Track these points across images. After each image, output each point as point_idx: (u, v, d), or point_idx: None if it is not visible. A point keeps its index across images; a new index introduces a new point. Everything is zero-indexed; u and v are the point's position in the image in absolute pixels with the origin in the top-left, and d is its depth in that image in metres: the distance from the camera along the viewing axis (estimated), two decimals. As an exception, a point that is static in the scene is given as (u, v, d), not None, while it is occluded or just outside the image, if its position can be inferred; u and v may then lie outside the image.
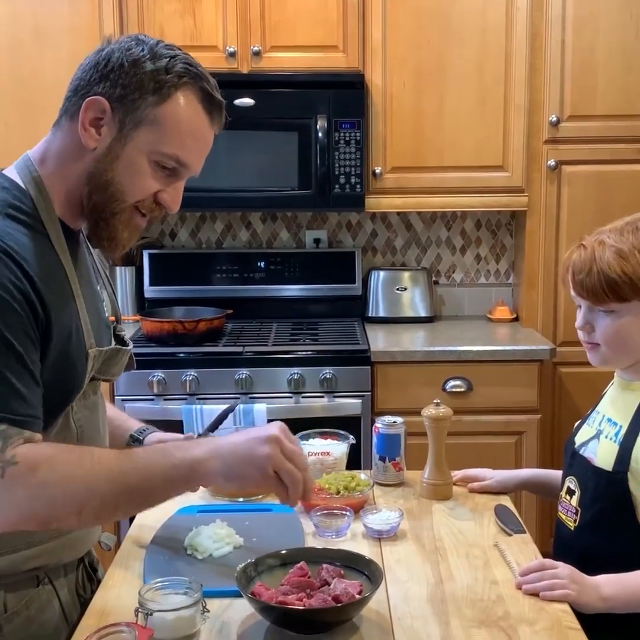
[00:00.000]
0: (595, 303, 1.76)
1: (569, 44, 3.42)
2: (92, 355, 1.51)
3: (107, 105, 1.42)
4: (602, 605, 1.58)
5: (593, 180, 3.50)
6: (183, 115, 1.45)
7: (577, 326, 1.83)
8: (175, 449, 1.45)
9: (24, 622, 1.47)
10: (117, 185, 1.45)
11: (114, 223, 1.48)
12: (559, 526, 1.88)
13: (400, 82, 3.48)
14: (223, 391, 3.23)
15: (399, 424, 2.09)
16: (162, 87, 1.43)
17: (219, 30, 3.43)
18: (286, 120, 3.47)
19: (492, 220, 3.94)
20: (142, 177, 1.46)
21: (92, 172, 1.45)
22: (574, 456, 1.86)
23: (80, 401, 1.53)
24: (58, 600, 1.54)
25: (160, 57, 1.44)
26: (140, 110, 1.43)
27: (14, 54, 3.41)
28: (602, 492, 1.76)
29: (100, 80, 1.43)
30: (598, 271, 1.73)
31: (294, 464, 1.44)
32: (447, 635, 1.44)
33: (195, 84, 1.47)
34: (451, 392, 3.29)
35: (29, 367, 1.36)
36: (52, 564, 1.52)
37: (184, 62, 1.46)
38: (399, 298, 3.82)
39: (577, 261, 1.77)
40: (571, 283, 1.79)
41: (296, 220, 3.95)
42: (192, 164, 1.50)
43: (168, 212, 1.54)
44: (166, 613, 1.40)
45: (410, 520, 1.88)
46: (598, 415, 1.87)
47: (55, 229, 1.47)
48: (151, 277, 3.83)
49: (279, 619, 1.43)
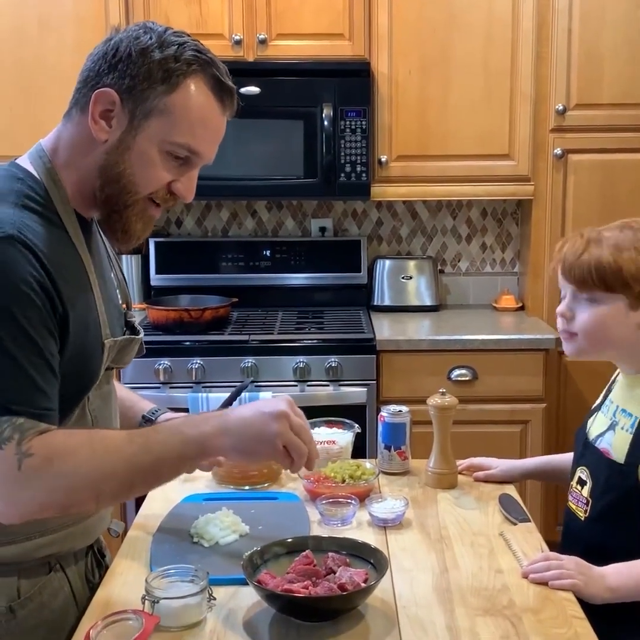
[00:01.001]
0: (580, 288, 1.75)
1: (575, 33, 3.40)
2: (108, 345, 1.52)
3: (116, 96, 1.41)
4: (609, 595, 1.58)
5: (599, 169, 3.49)
6: (193, 104, 1.44)
7: (558, 311, 1.81)
8: (184, 425, 1.46)
9: (37, 608, 1.49)
10: (130, 177, 1.44)
11: (127, 215, 1.47)
12: (569, 516, 1.87)
13: (406, 71, 3.47)
14: (229, 379, 3.24)
15: (404, 412, 2.09)
16: (171, 76, 1.42)
17: (224, 18, 3.43)
18: (292, 109, 3.47)
19: (498, 209, 3.94)
20: (154, 168, 1.45)
21: (104, 164, 1.44)
22: (587, 447, 1.84)
23: (96, 391, 1.54)
24: (69, 586, 1.56)
25: (168, 45, 1.42)
26: (150, 100, 1.41)
27: (19, 42, 3.41)
28: (613, 484, 1.74)
29: (109, 71, 1.42)
30: (590, 256, 1.72)
31: (301, 438, 1.47)
32: (452, 623, 1.44)
33: (204, 71, 1.45)
34: (456, 381, 3.30)
35: (48, 361, 1.37)
36: (64, 551, 1.54)
37: (192, 48, 1.44)
38: (405, 287, 3.82)
39: (571, 245, 1.77)
40: (561, 268, 1.78)
41: (302, 209, 3.95)
42: (205, 152, 1.48)
43: (183, 202, 1.52)
44: (173, 601, 1.41)
45: (415, 508, 1.89)
46: (612, 405, 1.84)
47: (71, 220, 1.47)
48: (157, 265, 3.83)
49: (285, 606, 1.44)
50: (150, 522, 1.80)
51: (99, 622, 1.34)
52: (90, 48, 1.49)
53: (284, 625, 1.43)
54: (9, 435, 1.32)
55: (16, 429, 1.32)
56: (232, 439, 1.45)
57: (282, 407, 1.47)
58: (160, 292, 3.79)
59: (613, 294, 1.72)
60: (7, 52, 3.42)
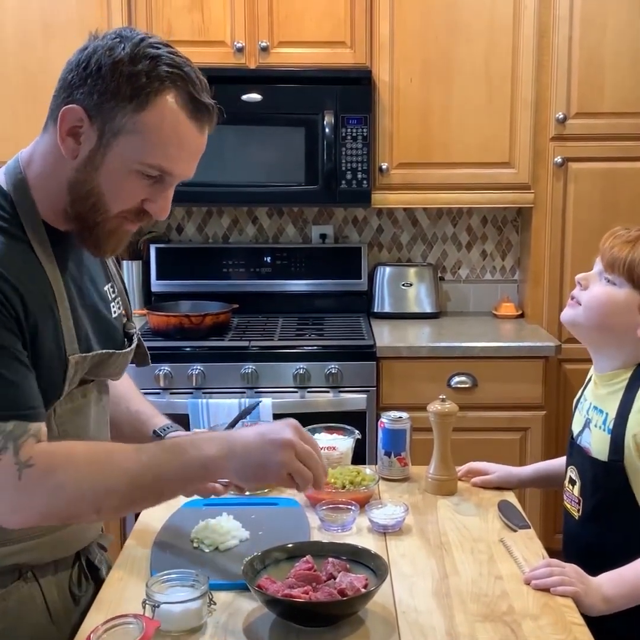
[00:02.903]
0: (608, 268, 1.78)
1: (576, 41, 3.42)
2: (74, 361, 1.46)
3: (83, 114, 1.35)
4: (605, 607, 1.58)
5: (599, 177, 3.50)
6: (165, 123, 1.36)
7: (577, 277, 1.85)
8: (189, 445, 1.44)
9: (1, 613, 1.46)
10: (99, 196, 1.39)
11: (97, 233, 1.42)
12: (566, 515, 1.90)
13: (407, 79, 3.49)
14: (229, 385, 3.24)
15: (404, 419, 2.09)
16: (140, 94, 1.34)
17: (226, 25, 3.43)
18: (293, 116, 3.48)
19: (498, 217, 3.95)
20: (125, 187, 1.39)
21: (73, 181, 1.40)
22: (572, 445, 1.88)
23: (67, 404, 1.50)
24: (42, 597, 1.52)
25: (140, 59, 1.35)
26: (118, 118, 1.35)
27: (22, 48, 3.43)
28: (601, 482, 1.77)
29: (79, 85, 1.36)
30: (633, 248, 1.75)
31: (307, 464, 1.45)
32: (452, 629, 1.45)
33: (178, 87, 1.37)
34: (456, 388, 3.30)
35: (18, 357, 1.34)
36: (34, 561, 1.50)
37: (166, 63, 1.36)
38: (405, 294, 3.83)
39: (624, 232, 1.80)
40: (608, 243, 1.80)
41: (302, 216, 3.96)
42: (179, 172, 1.42)
43: (158, 220, 1.47)
44: (173, 605, 1.41)
45: (415, 515, 1.89)
46: (585, 403, 1.89)
47: (37, 232, 1.42)
48: (158, 271, 3.84)
49: (285, 612, 1.44)
50: (151, 527, 1.80)
51: (99, 627, 1.34)
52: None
53: (284, 630, 1.43)
54: (3, 445, 1.31)
55: (8, 437, 1.31)
56: (236, 463, 1.44)
57: (287, 436, 1.45)
58: (160, 298, 3.79)
59: (634, 288, 1.76)
60: (11, 58, 3.43)
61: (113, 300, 1.63)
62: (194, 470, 1.43)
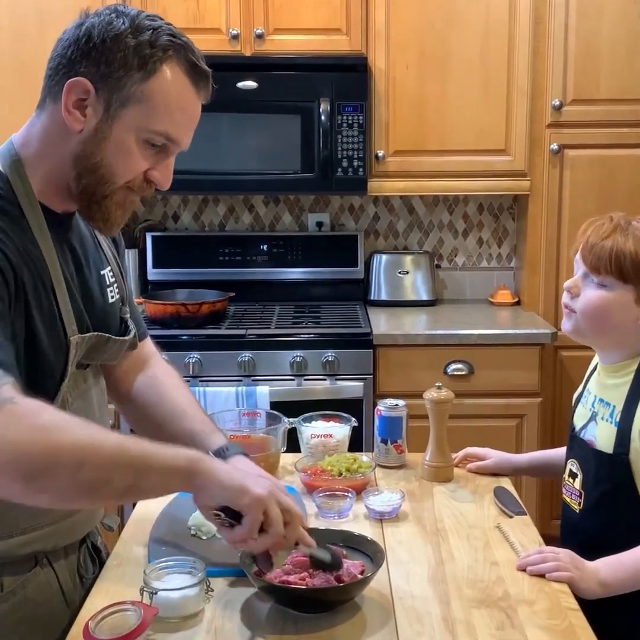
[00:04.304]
0: (593, 272, 1.75)
1: (572, 28, 3.41)
2: (74, 342, 1.46)
3: (90, 85, 1.37)
4: (601, 590, 1.59)
5: (596, 164, 3.50)
6: (171, 90, 1.40)
7: (565, 286, 1.82)
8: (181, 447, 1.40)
9: (20, 601, 1.47)
10: (107, 167, 1.41)
11: (106, 204, 1.44)
12: (565, 509, 1.88)
13: (403, 66, 3.48)
14: (226, 373, 3.25)
15: (400, 406, 2.10)
16: (147, 63, 1.38)
17: (222, 12, 3.42)
18: (289, 103, 3.47)
19: (495, 204, 3.95)
20: (131, 157, 1.42)
21: (79, 154, 1.40)
22: (574, 439, 1.87)
23: (74, 390, 1.50)
24: (57, 582, 1.53)
25: (142, 30, 1.38)
26: (127, 88, 1.38)
27: (17, 37, 3.41)
28: (604, 475, 1.76)
29: (82, 59, 1.38)
30: (613, 242, 1.72)
31: (271, 530, 1.38)
32: (448, 615, 1.45)
33: (180, 55, 1.41)
34: (453, 376, 3.31)
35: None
36: (50, 547, 1.51)
37: (167, 33, 1.41)
38: (401, 281, 3.83)
39: (600, 226, 1.77)
40: (582, 246, 1.78)
41: (299, 204, 3.96)
42: (182, 138, 1.45)
43: (160, 189, 1.49)
44: (171, 592, 1.42)
45: (411, 502, 1.90)
46: (590, 396, 1.87)
47: (34, 213, 1.42)
48: (154, 259, 3.83)
49: (282, 598, 1.45)
50: (148, 514, 1.80)
51: (97, 614, 1.34)
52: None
53: (282, 616, 1.44)
54: None
55: None
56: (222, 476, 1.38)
57: (261, 492, 1.37)
58: (157, 287, 3.79)
59: (625, 284, 1.73)
60: (6, 48, 3.42)
61: (111, 285, 1.62)
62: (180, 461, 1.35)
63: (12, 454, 1.21)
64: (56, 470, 1.24)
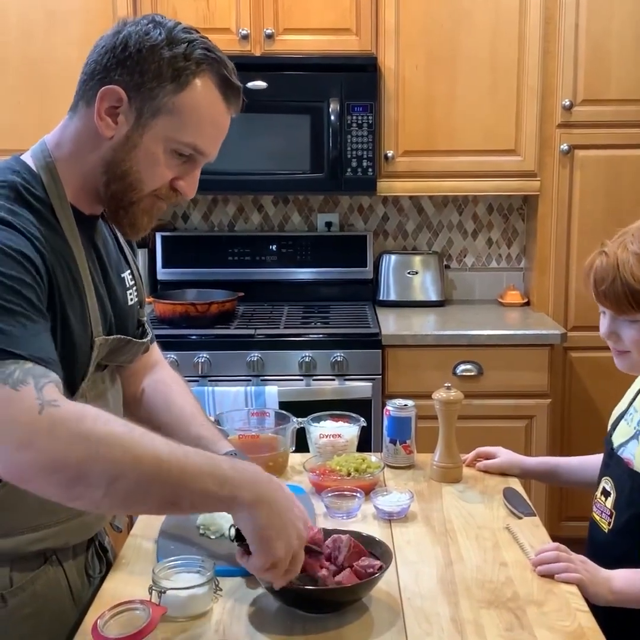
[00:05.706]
0: (619, 313, 1.70)
1: (582, 28, 3.40)
2: (98, 343, 1.48)
3: (123, 94, 1.40)
4: (611, 598, 1.57)
5: (606, 164, 3.49)
6: (202, 103, 1.43)
7: (602, 335, 1.77)
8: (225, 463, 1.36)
9: (29, 597, 1.47)
10: (136, 175, 1.43)
11: (133, 211, 1.47)
12: (592, 528, 1.83)
13: (412, 66, 3.48)
14: (235, 373, 3.25)
15: (409, 407, 2.10)
16: (181, 75, 1.41)
17: (232, 12, 3.43)
18: (298, 103, 3.47)
19: (504, 205, 3.94)
20: (159, 166, 1.44)
21: (110, 160, 1.43)
22: (611, 456, 1.81)
23: (92, 391, 1.51)
24: (66, 579, 1.54)
25: (178, 43, 1.41)
26: (159, 98, 1.40)
27: (26, 36, 3.42)
28: (637, 496, 1.71)
29: (117, 66, 1.40)
30: (621, 281, 1.66)
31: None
32: (456, 615, 1.45)
33: (213, 69, 1.44)
34: (462, 376, 3.30)
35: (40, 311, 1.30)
36: (60, 545, 1.52)
37: (202, 47, 1.44)
38: (410, 282, 3.83)
39: (599, 269, 1.70)
40: (593, 292, 1.73)
41: (308, 204, 3.96)
42: (210, 151, 1.48)
43: (185, 199, 1.52)
44: (179, 591, 1.42)
45: (420, 502, 1.90)
46: (636, 414, 1.80)
47: (66, 215, 1.45)
48: (164, 259, 3.84)
49: (290, 598, 1.44)
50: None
51: (106, 612, 1.34)
52: (97, 42, 1.48)
53: (290, 616, 1.44)
54: (22, 379, 1.20)
55: (27, 372, 1.21)
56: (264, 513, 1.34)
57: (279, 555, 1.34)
58: (166, 286, 3.80)
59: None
60: (15, 46, 3.43)
61: (131, 288, 1.65)
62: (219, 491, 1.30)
63: (48, 462, 1.20)
64: (89, 481, 1.22)
